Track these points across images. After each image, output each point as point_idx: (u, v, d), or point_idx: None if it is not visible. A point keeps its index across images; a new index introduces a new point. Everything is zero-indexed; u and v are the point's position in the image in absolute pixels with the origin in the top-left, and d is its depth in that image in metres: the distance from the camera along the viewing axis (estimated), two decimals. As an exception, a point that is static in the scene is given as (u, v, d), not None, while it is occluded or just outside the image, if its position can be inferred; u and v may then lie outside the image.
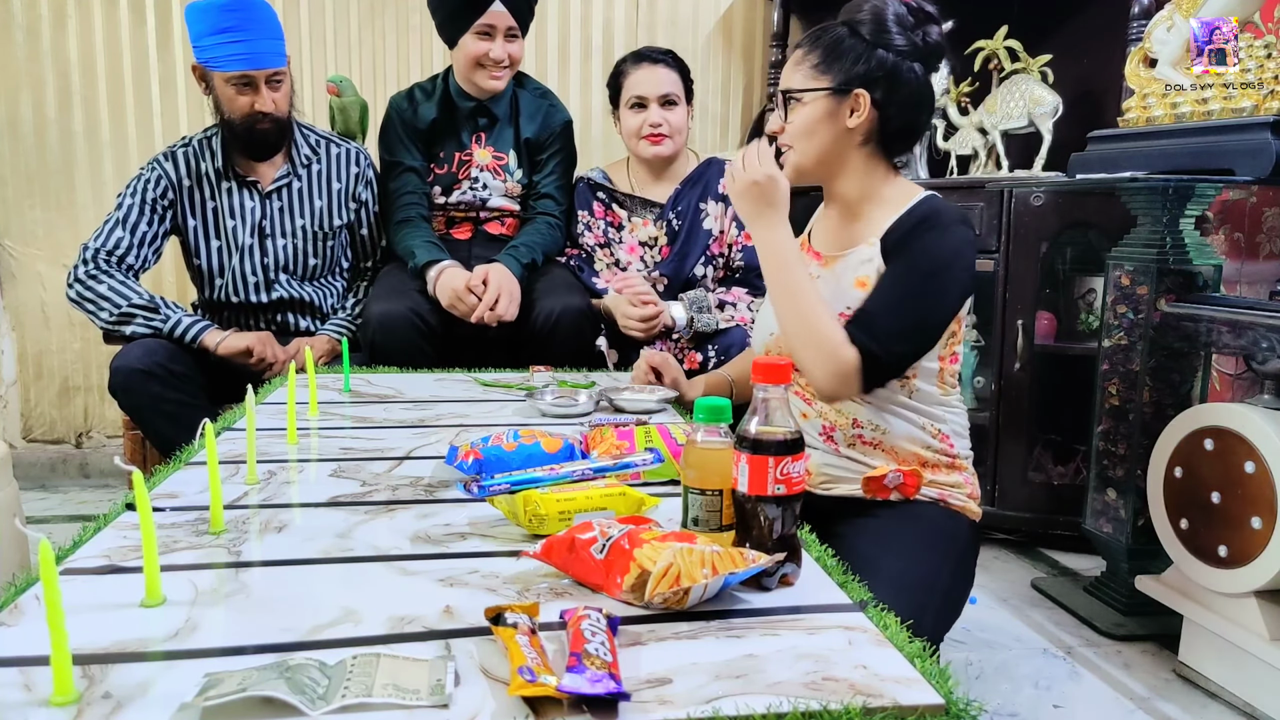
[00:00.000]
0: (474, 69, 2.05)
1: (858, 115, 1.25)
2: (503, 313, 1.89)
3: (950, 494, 1.28)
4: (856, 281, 1.25)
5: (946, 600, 1.20)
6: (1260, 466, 1.52)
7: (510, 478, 1.00)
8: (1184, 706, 1.59)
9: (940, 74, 2.44)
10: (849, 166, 1.29)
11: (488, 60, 2.03)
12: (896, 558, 1.15)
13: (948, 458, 1.28)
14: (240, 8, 1.82)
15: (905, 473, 1.26)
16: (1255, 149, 1.65)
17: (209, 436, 0.93)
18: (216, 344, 1.85)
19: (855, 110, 1.25)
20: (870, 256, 1.25)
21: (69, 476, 2.86)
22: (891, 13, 1.25)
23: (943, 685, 0.64)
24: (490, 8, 1.99)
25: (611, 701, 0.60)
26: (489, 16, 2.00)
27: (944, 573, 1.19)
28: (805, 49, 1.28)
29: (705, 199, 2.08)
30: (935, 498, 1.27)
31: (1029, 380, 2.22)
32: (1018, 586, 2.10)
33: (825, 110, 1.26)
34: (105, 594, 0.76)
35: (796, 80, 1.28)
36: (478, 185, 2.14)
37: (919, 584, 1.13)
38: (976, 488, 1.32)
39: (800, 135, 1.28)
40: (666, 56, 2.07)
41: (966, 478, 1.31)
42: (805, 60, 1.28)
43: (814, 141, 1.27)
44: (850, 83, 1.25)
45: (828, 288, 1.28)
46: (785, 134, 1.29)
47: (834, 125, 1.26)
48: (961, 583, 1.25)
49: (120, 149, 2.72)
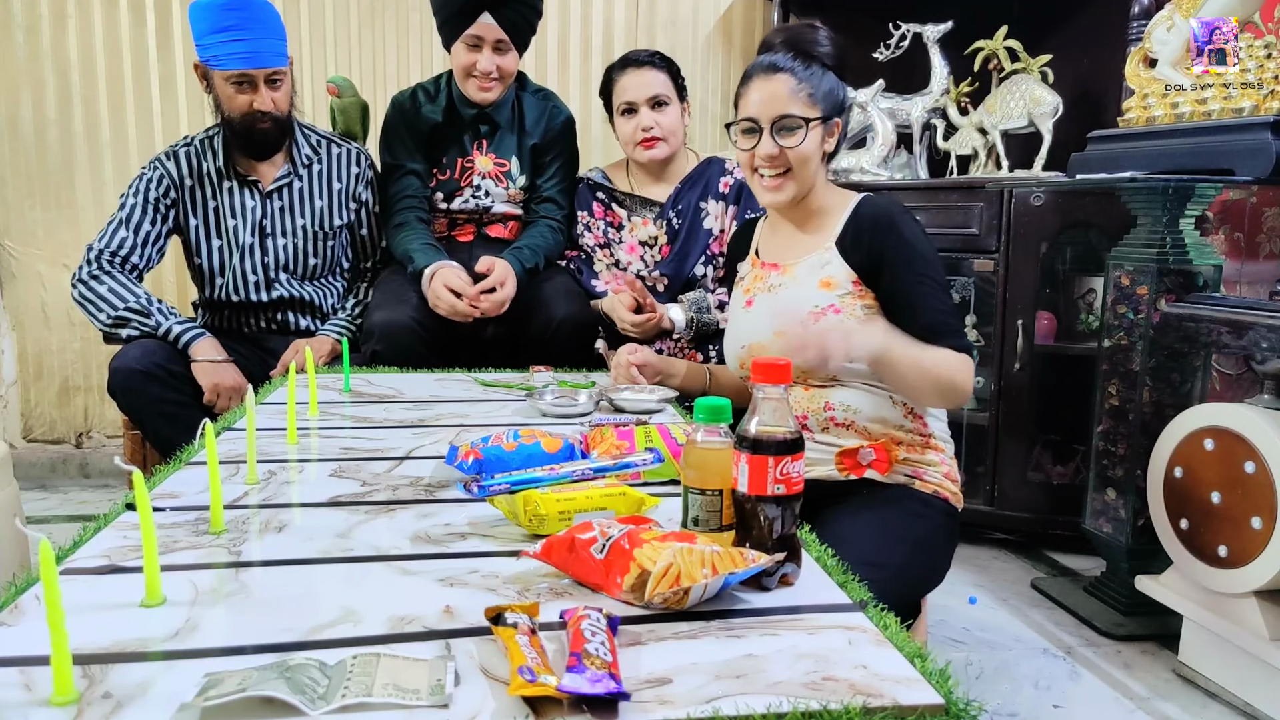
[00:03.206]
0: (464, 78, 2.04)
1: (831, 140, 1.39)
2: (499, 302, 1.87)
3: (925, 472, 1.32)
4: (820, 283, 1.34)
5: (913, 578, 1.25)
6: (1260, 466, 1.52)
7: (510, 478, 0.99)
8: (1184, 706, 1.59)
9: (939, 74, 2.44)
10: (817, 186, 1.40)
11: (475, 71, 2.01)
12: (865, 534, 1.20)
13: (921, 437, 1.33)
14: (241, 7, 1.82)
15: (877, 447, 1.30)
16: (1255, 149, 1.65)
17: (209, 436, 0.93)
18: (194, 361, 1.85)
19: (831, 136, 1.38)
20: (828, 260, 1.34)
21: (69, 476, 2.86)
22: (840, 45, 1.37)
23: (943, 685, 0.64)
24: (479, 19, 1.96)
25: (611, 701, 0.60)
26: (477, 28, 1.96)
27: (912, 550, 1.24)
28: (795, 80, 1.33)
29: (705, 198, 2.08)
30: (909, 476, 1.32)
31: (1029, 380, 2.22)
32: (1018, 586, 2.10)
33: (820, 137, 1.36)
34: (105, 594, 0.76)
35: (799, 108, 1.33)
36: (480, 193, 2.13)
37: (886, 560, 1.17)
38: (954, 470, 1.36)
39: (802, 161, 1.35)
40: (653, 58, 2.06)
41: (942, 459, 1.35)
42: (800, 90, 1.33)
43: (809, 168, 1.36)
44: (835, 112, 1.37)
45: (790, 292, 1.37)
46: (781, 158, 1.34)
47: (820, 150, 1.37)
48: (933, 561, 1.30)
49: (120, 149, 2.72)
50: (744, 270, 1.52)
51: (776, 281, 1.40)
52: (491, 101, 2.07)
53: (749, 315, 1.43)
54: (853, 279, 1.32)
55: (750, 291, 1.45)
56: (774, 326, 1.35)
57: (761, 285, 1.43)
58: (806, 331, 1.21)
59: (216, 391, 1.84)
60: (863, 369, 1.27)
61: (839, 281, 1.32)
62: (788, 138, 1.32)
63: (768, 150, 1.33)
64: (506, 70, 2.04)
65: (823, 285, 1.33)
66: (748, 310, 1.44)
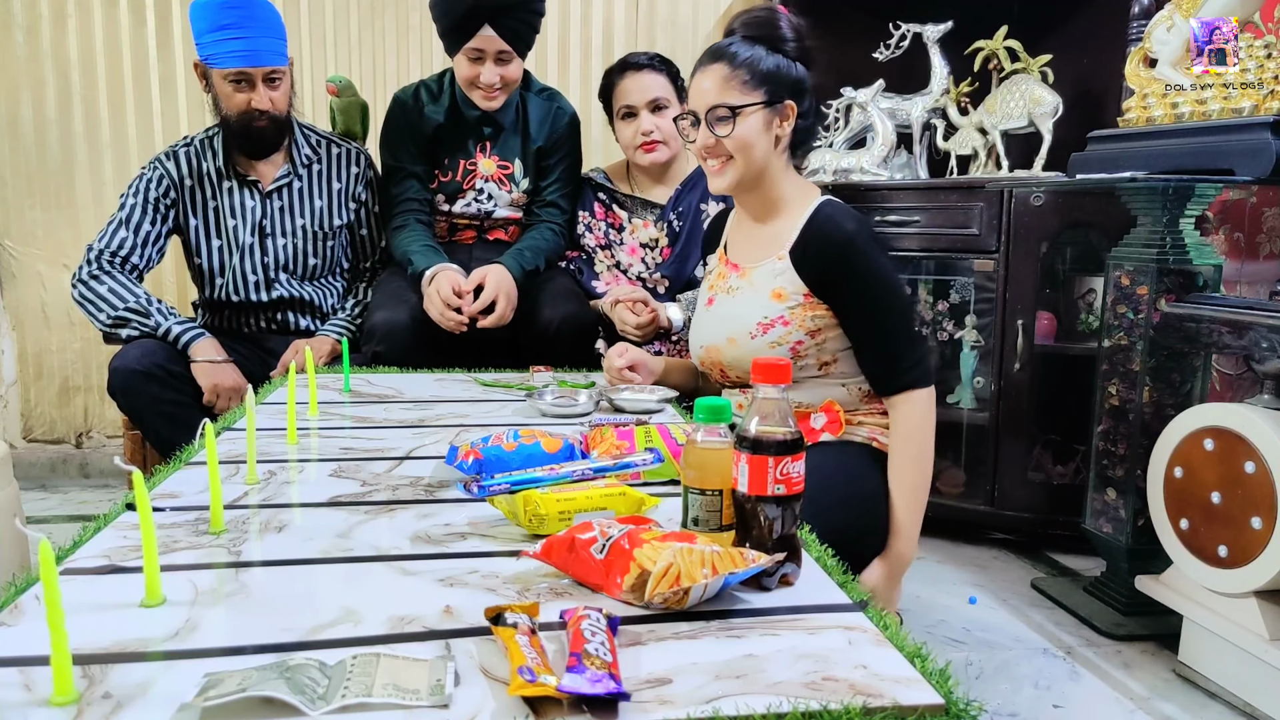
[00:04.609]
0: (468, 88, 2.02)
1: (787, 124, 1.37)
2: (500, 316, 1.85)
3: (881, 434, 1.38)
4: (772, 293, 1.37)
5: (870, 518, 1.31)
6: (1260, 466, 1.52)
7: (510, 478, 1.00)
8: (1184, 706, 1.59)
9: (939, 74, 2.44)
10: (771, 173, 1.40)
11: (479, 83, 1.98)
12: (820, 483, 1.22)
13: (877, 401, 1.39)
14: (241, 5, 1.82)
15: (826, 408, 1.37)
16: (1255, 149, 1.65)
17: (209, 436, 0.93)
18: (193, 361, 1.85)
19: (785, 120, 1.37)
20: (782, 270, 1.37)
21: (69, 476, 2.86)
22: (795, 26, 1.36)
23: (943, 685, 0.64)
24: (480, 31, 1.92)
25: (611, 701, 0.60)
26: (478, 40, 1.93)
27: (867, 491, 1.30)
28: (728, 66, 1.34)
29: (706, 200, 2.08)
30: (865, 438, 1.37)
31: (1029, 380, 2.22)
32: (1018, 586, 2.10)
33: (763, 122, 1.35)
34: (105, 594, 0.76)
35: (732, 96, 1.34)
36: (482, 196, 2.12)
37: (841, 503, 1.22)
38: None
39: (741, 148, 1.36)
40: (652, 61, 2.06)
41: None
42: (734, 77, 1.34)
43: (753, 153, 1.36)
44: (779, 94, 1.35)
45: (745, 299, 1.40)
46: (719, 147, 1.37)
47: (768, 136, 1.36)
48: (875, 508, 1.34)
49: (120, 149, 2.72)
50: (712, 264, 1.56)
51: (735, 284, 1.44)
52: (496, 109, 2.06)
53: (708, 315, 1.48)
54: (804, 291, 1.35)
55: (713, 289, 1.49)
56: (726, 333, 1.41)
57: (722, 285, 1.47)
58: (886, 600, 1.32)
59: (216, 392, 1.84)
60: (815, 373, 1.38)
61: (789, 294, 1.36)
62: (722, 127, 1.34)
63: (704, 141, 1.37)
64: (510, 79, 2.01)
65: (774, 296, 1.37)
66: (708, 310, 1.49)
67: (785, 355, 1.35)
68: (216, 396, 1.85)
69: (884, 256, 1.34)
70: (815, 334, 1.35)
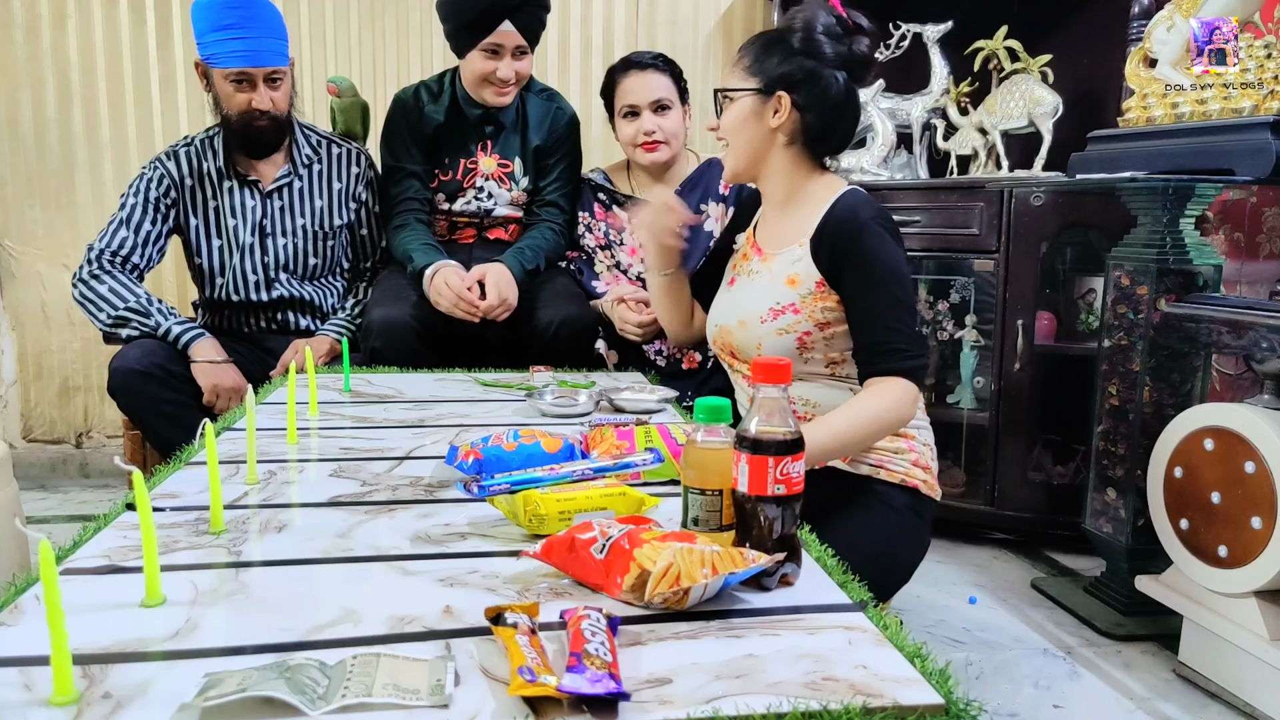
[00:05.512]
0: (481, 85, 2.02)
1: (779, 116, 1.36)
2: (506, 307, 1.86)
3: (890, 461, 1.34)
4: (787, 279, 1.36)
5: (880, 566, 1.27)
6: (1260, 466, 1.52)
7: (510, 478, 0.99)
8: (1184, 706, 1.59)
9: (939, 74, 2.44)
10: (774, 165, 1.40)
11: (495, 78, 1.98)
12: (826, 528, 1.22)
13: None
14: (242, 5, 1.82)
15: None
16: (1255, 149, 1.65)
17: (209, 436, 0.93)
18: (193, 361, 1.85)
19: (777, 111, 1.36)
20: (800, 256, 1.36)
21: (69, 476, 2.86)
22: (822, 23, 1.35)
23: (943, 685, 0.64)
24: (500, 27, 1.93)
25: (611, 701, 0.60)
26: (497, 35, 1.94)
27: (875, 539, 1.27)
28: (742, 53, 1.39)
29: (706, 200, 2.08)
30: (874, 466, 1.34)
31: (1029, 380, 2.22)
32: (1018, 586, 2.10)
33: (751, 109, 1.37)
34: (105, 594, 0.76)
35: (729, 81, 1.39)
36: (483, 195, 2.12)
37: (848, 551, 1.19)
38: (925, 457, 1.38)
39: (730, 132, 1.40)
40: (656, 61, 2.05)
41: (911, 445, 1.36)
42: (740, 63, 1.38)
43: (741, 139, 1.39)
44: (772, 84, 1.35)
45: (762, 283, 1.40)
46: (720, 130, 1.41)
47: (759, 124, 1.37)
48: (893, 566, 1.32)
49: (120, 149, 2.72)
50: (740, 242, 1.57)
51: (756, 268, 1.44)
52: (507, 105, 2.07)
53: (727, 296, 1.49)
54: (817, 279, 1.34)
55: (736, 270, 1.50)
56: (739, 315, 1.41)
57: (745, 268, 1.47)
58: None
59: (216, 392, 1.84)
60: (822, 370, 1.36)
61: (803, 280, 1.35)
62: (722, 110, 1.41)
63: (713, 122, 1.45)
64: (524, 74, 2.03)
65: (788, 282, 1.36)
66: (728, 290, 1.50)
67: (791, 345, 1.35)
68: (216, 396, 1.85)
69: (895, 245, 1.32)
70: (824, 327, 1.34)
